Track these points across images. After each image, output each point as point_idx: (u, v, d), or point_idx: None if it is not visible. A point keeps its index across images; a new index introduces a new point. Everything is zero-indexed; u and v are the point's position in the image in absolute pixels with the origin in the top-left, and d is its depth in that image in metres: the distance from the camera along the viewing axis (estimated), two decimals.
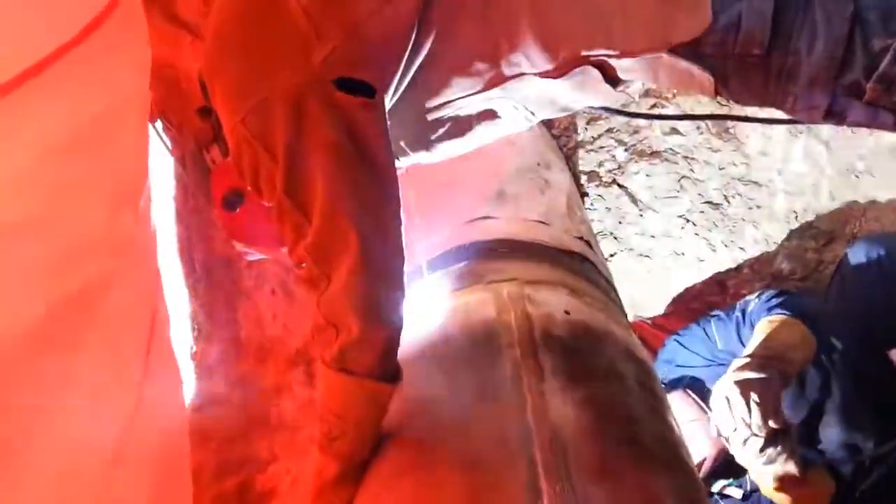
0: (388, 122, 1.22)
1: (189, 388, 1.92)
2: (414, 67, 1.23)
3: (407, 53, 1.21)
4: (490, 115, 1.34)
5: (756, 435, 1.69)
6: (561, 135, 2.41)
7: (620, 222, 2.57)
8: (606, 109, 1.47)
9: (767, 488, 1.78)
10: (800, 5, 1.08)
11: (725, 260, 2.52)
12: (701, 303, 2.58)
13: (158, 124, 1.53)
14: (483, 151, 1.45)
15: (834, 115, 1.13)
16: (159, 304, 1.56)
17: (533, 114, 1.35)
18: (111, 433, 1.28)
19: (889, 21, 1.04)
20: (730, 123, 2.27)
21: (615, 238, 2.60)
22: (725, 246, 2.50)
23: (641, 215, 2.54)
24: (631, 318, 2.22)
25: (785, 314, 1.87)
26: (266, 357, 2.02)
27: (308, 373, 2.03)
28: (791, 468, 1.72)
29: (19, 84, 0.97)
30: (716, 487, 2.05)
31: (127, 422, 1.32)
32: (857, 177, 2.26)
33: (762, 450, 1.70)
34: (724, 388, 1.76)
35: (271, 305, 2.00)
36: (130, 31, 1.38)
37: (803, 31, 1.08)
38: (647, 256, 2.61)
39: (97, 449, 1.24)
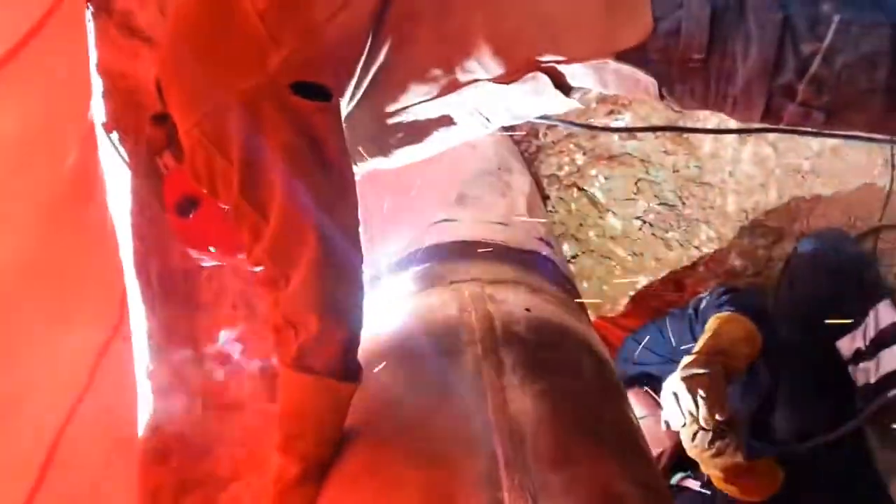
0: (347, 128, 1.24)
1: (146, 407, 1.89)
2: (371, 73, 1.25)
3: (363, 59, 1.23)
4: (446, 120, 1.35)
5: (704, 428, 1.71)
6: (522, 139, 2.45)
7: (581, 224, 2.60)
8: (564, 122, 1.50)
9: (717, 479, 1.81)
10: (735, 13, 1.12)
11: (682, 259, 2.57)
12: (659, 301, 2.62)
13: (114, 136, 1.52)
14: (445, 155, 1.47)
15: (771, 116, 1.18)
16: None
17: (488, 120, 1.37)
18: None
19: (816, 26, 1.09)
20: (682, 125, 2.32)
21: (576, 239, 2.63)
22: (681, 245, 2.54)
23: (601, 217, 2.58)
24: (592, 317, 2.25)
25: (731, 310, 1.89)
26: (226, 373, 1.99)
27: (270, 388, 2.00)
28: (739, 459, 1.74)
29: None
30: (674, 480, 2.07)
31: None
32: (804, 177, 2.32)
33: (710, 443, 1.72)
34: (673, 383, 1.77)
35: (232, 320, 1.98)
36: (71, 36, 1.37)
37: (738, 36, 1.12)
38: (608, 257, 2.64)
39: None
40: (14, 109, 1.13)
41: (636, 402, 2.07)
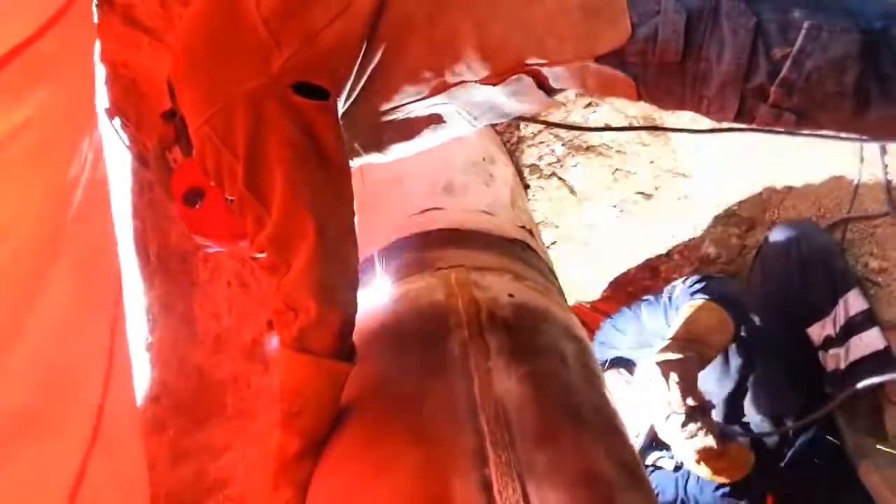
0: (344, 125, 1.30)
1: (144, 378, 1.94)
2: (366, 75, 1.31)
3: (359, 62, 1.29)
4: (436, 119, 1.41)
5: (676, 412, 1.77)
6: (504, 131, 2.49)
7: (560, 212, 2.65)
8: (549, 123, 1.52)
9: (689, 461, 1.85)
10: (709, 18, 1.17)
11: (657, 246, 2.61)
12: (636, 287, 2.67)
13: (116, 122, 1.57)
14: (432, 147, 1.51)
15: (744, 116, 1.22)
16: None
17: (475, 118, 1.42)
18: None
19: (787, 31, 1.14)
20: (658, 120, 2.35)
21: (555, 227, 2.68)
22: (657, 233, 2.59)
23: (579, 205, 2.62)
24: (571, 302, 2.27)
25: (705, 298, 1.94)
26: (221, 347, 2.04)
27: (263, 362, 2.06)
28: (710, 442, 1.78)
29: None
30: (650, 460, 2.13)
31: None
32: (775, 169, 2.36)
33: (682, 426, 1.77)
34: (647, 369, 1.83)
35: (227, 297, 2.03)
36: (84, 31, 1.42)
37: (713, 41, 1.17)
38: (585, 244, 2.69)
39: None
40: (32, 98, 1.18)
41: (612, 385, 2.09)
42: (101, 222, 1.55)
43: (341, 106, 1.32)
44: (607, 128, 2.43)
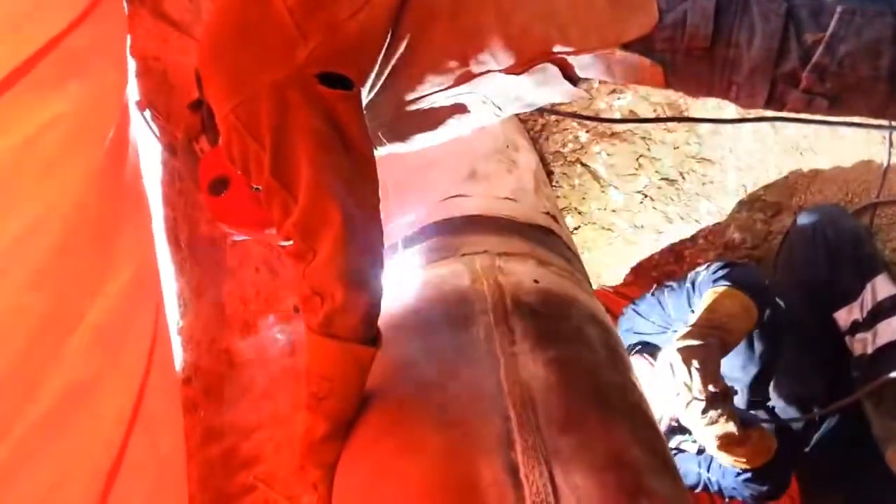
0: (368, 115, 1.31)
1: (176, 361, 1.98)
2: (390, 65, 1.32)
3: (383, 52, 1.30)
4: (461, 109, 1.42)
5: (697, 398, 1.77)
6: (528, 118, 2.49)
7: (584, 198, 2.65)
8: (574, 115, 1.51)
9: (710, 447, 1.86)
10: (738, 3, 1.17)
11: (681, 232, 2.60)
12: (659, 272, 2.67)
13: (147, 113, 1.60)
14: (455, 136, 1.52)
15: (774, 102, 1.21)
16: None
17: (500, 108, 1.43)
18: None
19: (820, 16, 1.14)
20: (683, 106, 2.33)
21: (579, 212, 2.67)
22: (681, 218, 2.58)
23: (603, 191, 2.62)
24: (595, 287, 2.26)
25: (727, 285, 1.94)
26: (250, 331, 2.07)
27: (290, 345, 2.09)
28: (731, 428, 1.79)
29: (12, 83, 1.05)
30: (673, 443, 2.13)
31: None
32: (802, 154, 2.34)
33: (703, 412, 1.77)
34: (668, 354, 1.83)
35: (255, 283, 2.06)
36: (115, 25, 1.45)
37: (743, 26, 1.16)
38: (609, 229, 2.69)
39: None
40: (65, 92, 1.21)
41: (636, 369, 2.11)
42: (139, 211, 1.58)
43: (366, 96, 1.33)
44: (632, 119, 2.41)
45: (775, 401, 2.12)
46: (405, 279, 1.58)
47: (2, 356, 1.03)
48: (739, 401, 2.08)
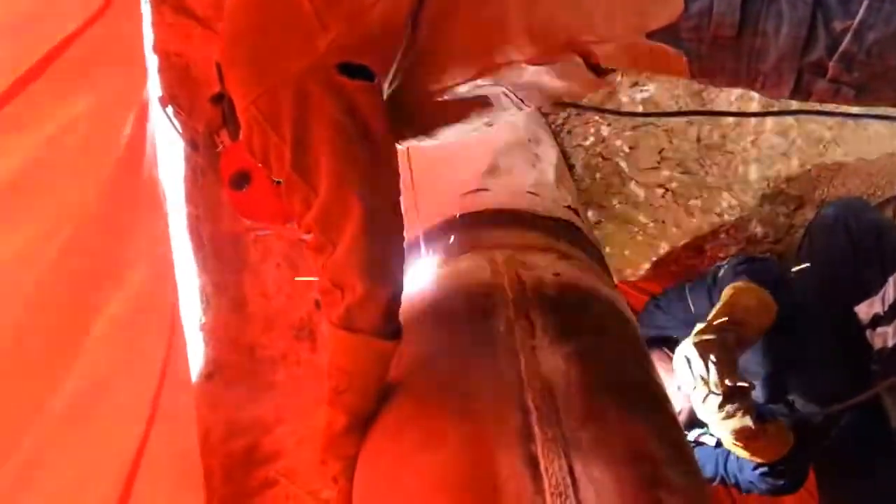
0: (390, 108, 1.30)
1: (198, 356, 2.00)
2: (412, 56, 1.31)
3: (404, 42, 1.29)
4: (483, 101, 1.40)
5: (714, 393, 1.75)
6: (549, 112, 2.46)
7: (605, 192, 2.63)
8: (597, 109, 1.48)
9: (727, 442, 1.85)
10: None
11: (703, 225, 2.59)
12: (680, 266, 2.66)
13: (169, 109, 1.61)
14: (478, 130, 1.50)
15: (800, 92, 1.18)
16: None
17: (523, 101, 1.41)
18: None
19: (849, 4, 1.10)
20: (707, 98, 2.32)
21: (600, 206, 2.66)
22: (703, 212, 2.57)
23: (624, 185, 2.60)
24: (616, 281, 2.27)
25: (747, 280, 1.93)
26: (272, 326, 2.09)
27: (312, 339, 2.10)
28: (747, 423, 1.77)
29: (24, 86, 1.05)
30: (692, 436, 2.13)
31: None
32: (825, 146, 2.32)
33: (720, 406, 1.76)
34: (685, 349, 1.81)
35: (276, 278, 2.07)
36: (131, 19, 1.46)
37: (770, 14, 1.13)
38: (631, 223, 2.67)
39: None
40: (84, 87, 1.22)
41: (656, 363, 2.11)
42: (155, 207, 1.60)
43: (387, 88, 1.32)
44: (654, 113, 2.39)
45: (794, 395, 2.11)
46: (426, 273, 1.58)
47: (24, 351, 1.04)
48: (758, 395, 2.06)
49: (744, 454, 1.87)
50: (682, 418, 2.07)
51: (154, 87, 1.66)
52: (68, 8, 1.19)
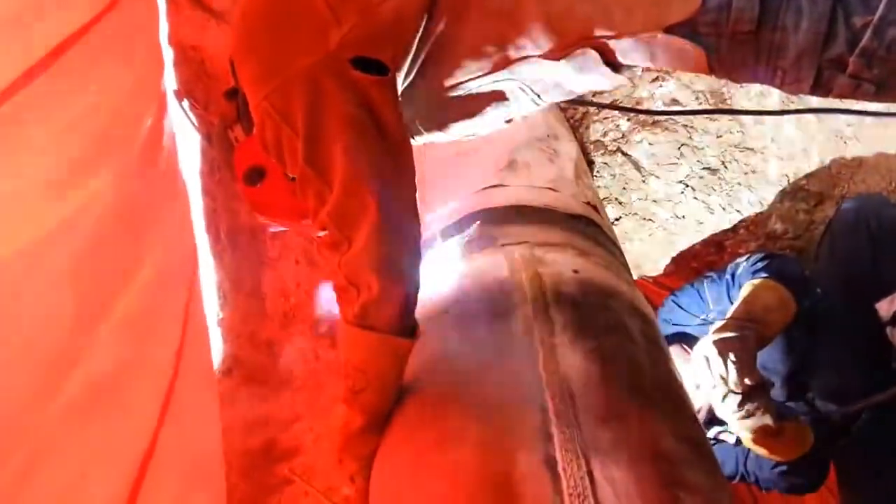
0: (405, 103, 1.29)
1: (216, 352, 2.00)
2: (426, 49, 1.30)
3: (418, 36, 1.28)
4: (499, 96, 1.39)
5: (733, 391, 1.75)
6: (568, 107, 2.46)
7: (625, 188, 2.63)
8: (615, 107, 1.48)
9: (746, 440, 1.84)
10: None
11: (723, 222, 2.58)
12: (700, 262, 2.65)
13: (185, 103, 1.60)
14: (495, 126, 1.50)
15: (820, 88, 1.18)
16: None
17: (539, 96, 1.40)
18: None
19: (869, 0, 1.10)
20: (727, 94, 2.30)
21: (620, 202, 2.66)
22: (723, 209, 2.56)
23: (644, 181, 2.60)
24: (635, 277, 2.27)
25: (766, 277, 1.92)
26: (290, 323, 2.07)
27: (330, 336, 2.10)
28: (767, 421, 1.77)
29: (32, 77, 1.05)
30: (711, 433, 2.11)
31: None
32: (845, 142, 2.31)
33: (740, 405, 1.76)
34: (704, 347, 1.81)
35: (295, 275, 2.06)
36: (144, 14, 1.45)
37: (790, 9, 1.13)
38: (650, 220, 2.67)
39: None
40: (97, 79, 1.21)
41: (675, 359, 2.10)
42: (174, 200, 1.59)
43: (401, 82, 1.32)
44: (673, 111, 2.38)
45: (814, 393, 2.09)
46: (443, 270, 1.56)
47: (39, 346, 1.04)
48: (777, 393, 2.06)
49: (763, 453, 1.86)
50: (701, 416, 2.07)
51: (170, 80, 1.65)
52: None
